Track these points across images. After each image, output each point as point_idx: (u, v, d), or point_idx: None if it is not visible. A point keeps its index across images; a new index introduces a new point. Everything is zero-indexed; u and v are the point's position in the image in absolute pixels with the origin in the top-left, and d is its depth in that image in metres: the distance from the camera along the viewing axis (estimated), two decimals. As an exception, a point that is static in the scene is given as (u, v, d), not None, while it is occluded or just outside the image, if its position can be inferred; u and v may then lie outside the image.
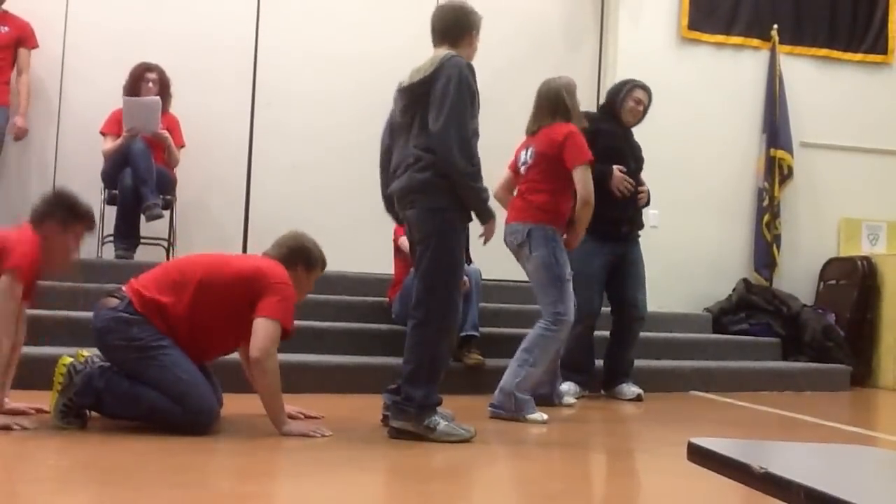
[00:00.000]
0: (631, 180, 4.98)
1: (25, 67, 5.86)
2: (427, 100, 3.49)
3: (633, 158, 5.13)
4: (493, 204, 3.77)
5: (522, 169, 4.49)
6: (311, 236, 3.78)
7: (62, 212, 3.44)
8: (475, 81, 3.54)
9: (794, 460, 1.59)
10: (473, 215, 3.62)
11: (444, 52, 3.58)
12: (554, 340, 4.25)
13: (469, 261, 5.15)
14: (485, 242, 3.69)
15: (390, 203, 3.78)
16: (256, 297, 3.42)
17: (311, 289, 3.85)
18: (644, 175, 5.22)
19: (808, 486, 1.24)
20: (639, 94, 5.18)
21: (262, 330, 3.37)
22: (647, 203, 5.24)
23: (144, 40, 6.20)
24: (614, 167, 4.92)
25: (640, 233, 5.25)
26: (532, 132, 4.51)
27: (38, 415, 3.39)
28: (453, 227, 3.52)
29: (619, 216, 4.99)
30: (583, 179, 4.29)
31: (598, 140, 4.65)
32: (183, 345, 3.41)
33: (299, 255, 3.67)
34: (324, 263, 3.79)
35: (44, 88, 6.19)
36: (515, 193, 4.54)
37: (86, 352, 3.49)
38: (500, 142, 4.69)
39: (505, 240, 4.43)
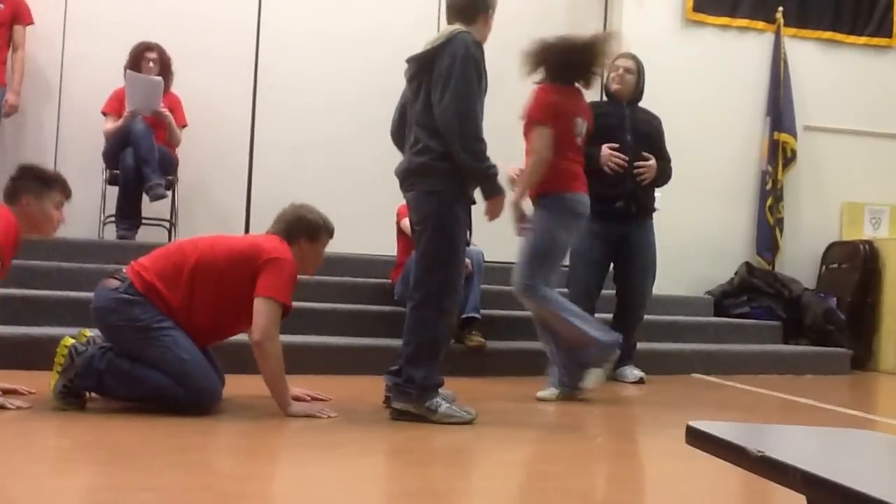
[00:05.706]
0: (622, 156, 4.85)
1: (21, 44, 5.80)
2: (431, 71, 3.47)
3: (632, 133, 4.98)
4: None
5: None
6: (310, 206, 3.68)
7: (31, 183, 3.41)
8: (483, 60, 3.50)
9: (791, 444, 1.60)
10: (477, 197, 3.62)
11: (454, 27, 3.55)
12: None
13: (468, 242, 5.13)
14: (490, 219, 3.58)
15: None
16: (256, 273, 3.38)
17: (321, 259, 3.74)
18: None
19: (805, 469, 1.25)
20: (619, 61, 4.98)
21: (261, 311, 3.35)
22: (657, 180, 5.02)
23: (145, 19, 6.17)
24: (604, 146, 4.81)
25: (652, 215, 5.11)
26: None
27: (27, 395, 3.37)
28: (451, 209, 3.50)
29: (613, 193, 4.86)
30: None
31: (594, 122, 4.54)
32: (185, 330, 3.38)
33: (299, 229, 3.59)
34: (329, 231, 3.68)
35: (43, 68, 6.17)
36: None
37: (88, 331, 3.50)
38: (501, 123, 4.66)
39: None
